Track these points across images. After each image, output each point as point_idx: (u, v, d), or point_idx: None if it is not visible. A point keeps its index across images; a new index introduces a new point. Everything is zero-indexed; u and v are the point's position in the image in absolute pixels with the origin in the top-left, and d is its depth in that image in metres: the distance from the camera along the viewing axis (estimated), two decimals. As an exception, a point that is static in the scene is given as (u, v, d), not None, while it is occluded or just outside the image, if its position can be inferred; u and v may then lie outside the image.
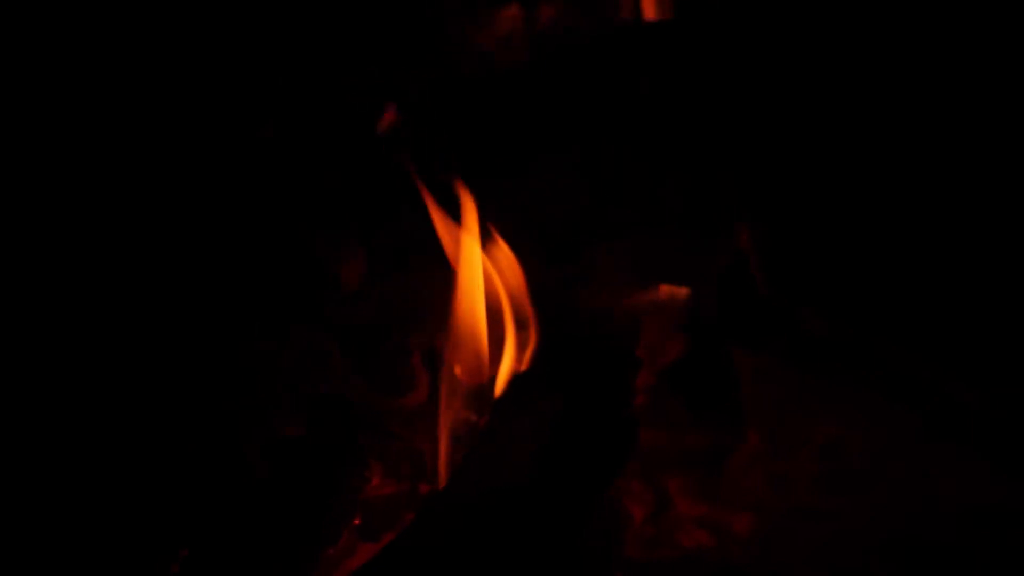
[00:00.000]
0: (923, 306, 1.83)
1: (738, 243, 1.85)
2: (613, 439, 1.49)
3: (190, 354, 1.81)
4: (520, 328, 1.62)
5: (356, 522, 1.66)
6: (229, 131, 1.88)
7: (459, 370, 1.66)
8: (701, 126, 1.85)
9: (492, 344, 1.67)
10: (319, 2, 1.90)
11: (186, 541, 1.57)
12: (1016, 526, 1.66)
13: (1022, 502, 1.69)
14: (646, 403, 1.76)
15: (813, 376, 1.86)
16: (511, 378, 1.57)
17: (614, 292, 1.82)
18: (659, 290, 1.81)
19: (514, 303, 1.63)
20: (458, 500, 1.40)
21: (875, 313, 1.85)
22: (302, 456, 1.70)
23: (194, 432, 1.75)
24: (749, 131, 1.84)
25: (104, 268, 1.82)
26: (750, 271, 1.84)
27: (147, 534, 1.60)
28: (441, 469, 1.64)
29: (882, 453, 1.81)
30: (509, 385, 1.53)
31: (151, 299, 1.82)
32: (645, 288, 1.83)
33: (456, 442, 1.62)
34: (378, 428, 1.77)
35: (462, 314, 1.65)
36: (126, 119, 1.84)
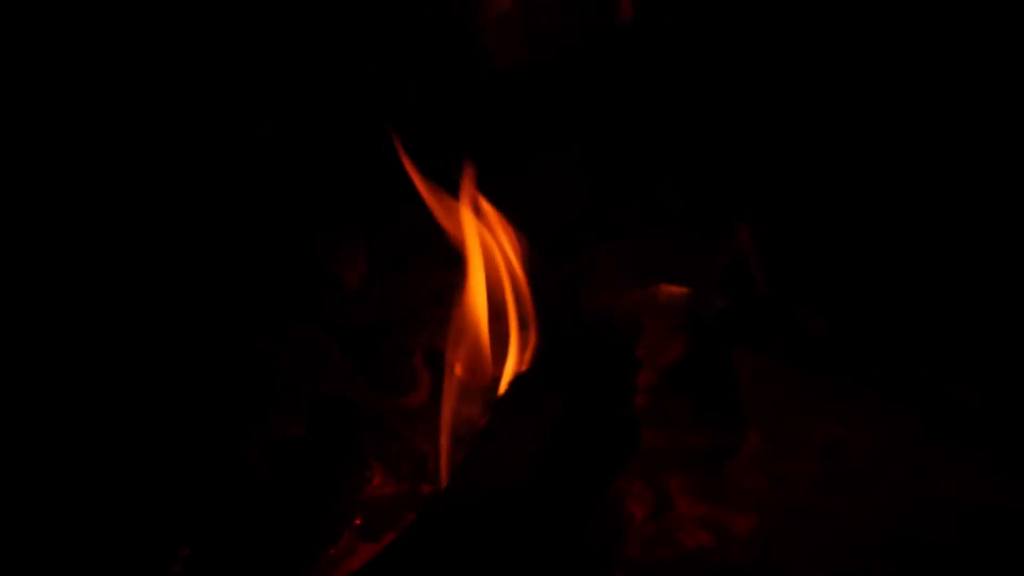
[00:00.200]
0: (923, 306, 1.83)
1: (738, 243, 1.86)
2: (613, 439, 1.48)
3: (191, 354, 1.81)
4: (521, 327, 1.62)
5: (357, 522, 1.66)
6: (229, 131, 1.87)
7: (460, 370, 1.66)
8: (701, 126, 1.85)
9: (493, 344, 1.67)
10: (319, 2, 1.90)
11: (187, 541, 1.57)
12: (1016, 526, 1.66)
13: (1022, 502, 1.69)
14: (647, 403, 1.76)
15: (813, 376, 1.87)
16: (512, 378, 1.57)
17: (614, 292, 1.82)
18: (660, 291, 1.81)
19: (517, 297, 1.63)
20: (459, 500, 1.40)
21: (875, 313, 1.86)
22: (302, 456, 1.70)
23: (194, 432, 1.75)
24: (749, 131, 1.84)
25: (105, 268, 1.82)
26: (750, 271, 1.84)
27: (148, 534, 1.60)
28: (442, 469, 1.64)
29: (882, 453, 1.81)
30: (510, 385, 1.52)
31: (152, 299, 1.82)
32: (645, 288, 1.84)
33: (457, 442, 1.63)
34: (379, 428, 1.77)
35: (463, 314, 1.65)
36: (127, 119, 1.84)
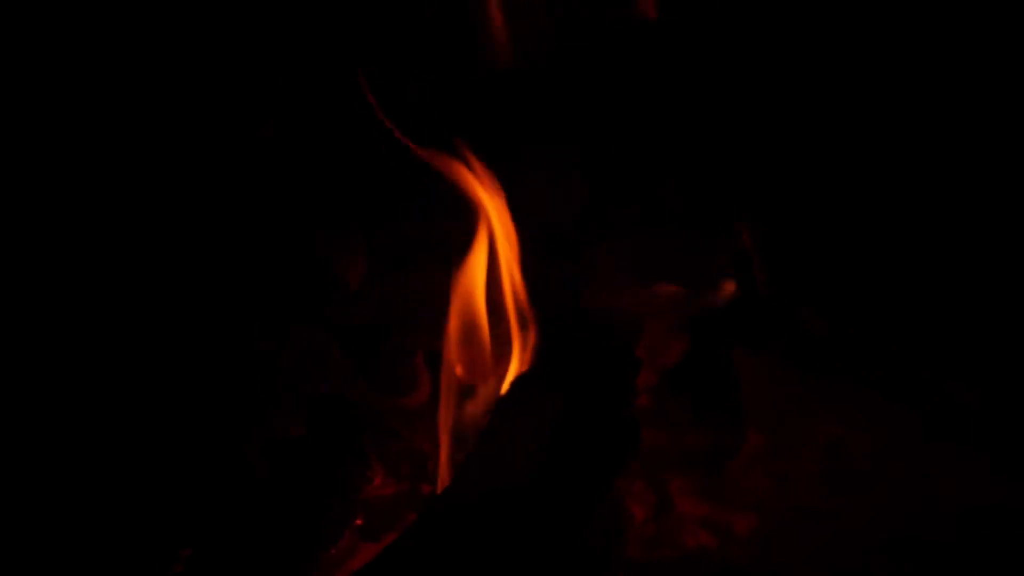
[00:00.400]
0: (923, 306, 1.83)
1: (738, 243, 1.86)
2: (614, 439, 1.48)
3: (191, 354, 1.81)
4: (521, 326, 1.62)
5: (358, 522, 1.67)
6: (229, 131, 1.87)
7: (461, 370, 1.66)
8: (701, 126, 1.85)
9: (493, 344, 1.67)
10: (320, 2, 1.90)
11: (189, 541, 1.57)
12: (1016, 526, 1.66)
13: (1022, 502, 1.69)
14: (647, 403, 1.76)
15: (813, 376, 1.87)
16: (512, 378, 1.57)
17: (614, 292, 1.82)
18: (660, 291, 1.82)
19: (516, 298, 1.63)
20: (460, 500, 1.40)
21: (875, 313, 1.86)
22: (303, 456, 1.70)
23: (194, 432, 1.75)
24: (749, 132, 1.84)
25: (105, 268, 1.81)
26: (750, 271, 1.84)
27: (150, 534, 1.60)
28: (443, 469, 1.64)
29: (882, 453, 1.81)
30: (510, 385, 1.52)
31: (152, 299, 1.82)
32: (645, 288, 1.84)
33: (458, 442, 1.63)
34: (379, 428, 1.77)
35: (463, 314, 1.65)
36: (127, 119, 1.83)
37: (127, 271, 1.82)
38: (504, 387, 1.58)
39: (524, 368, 1.59)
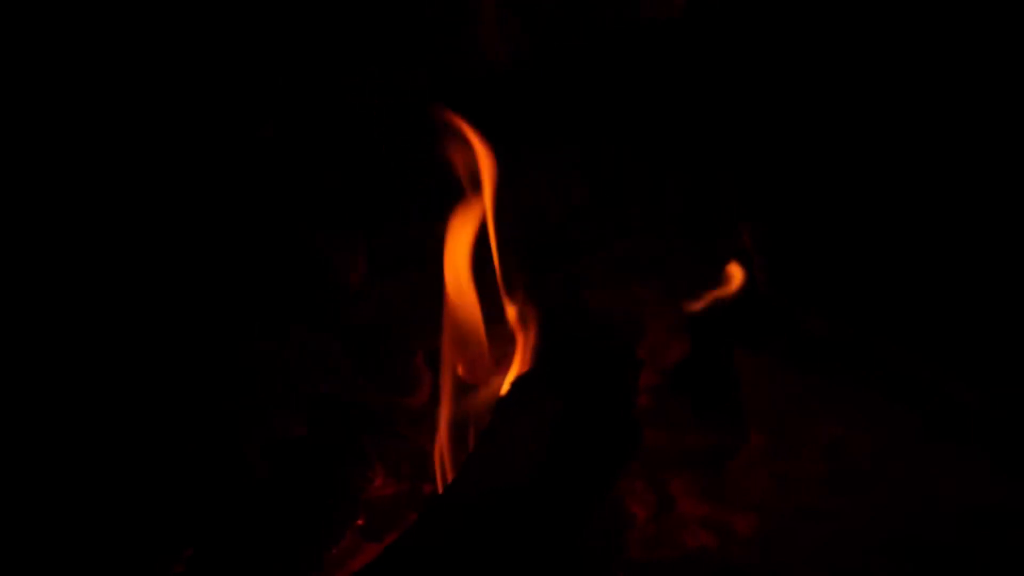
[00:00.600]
0: (923, 306, 1.83)
1: (738, 243, 1.86)
2: (614, 440, 1.48)
3: (191, 354, 1.81)
4: (522, 327, 1.62)
5: (359, 522, 1.67)
6: (229, 131, 1.87)
7: (461, 370, 1.67)
8: (701, 126, 1.85)
9: (493, 344, 1.67)
10: (319, 2, 1.90)
11: (190, 541, 1.57)
12: (1016, 526, 1.66)
13: (1022, 502, 1.69)
14: (648, 403, 1.77)
15: (813, 376, 1.87)
16: (513, 379, 1.56)
17: (614, 292, 1.82)
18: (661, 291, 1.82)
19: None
20: (460, 500, 1.40)
21: (875, 313, 1.86)
22: (304, 456, 1.69)
23: (194, 432, 1.75)
24: (749, 132, 1.84)
25: (105, 268, 1.81)
26: (751, 272, 1.84)
27: (151, 534, 1.60)
28: (444, 469, 1.64)
29: (882, 453, 1.81)
30: (511, 386, 1.52)
31: (152, 299, 1.82)
32: (645, 288, 1.83)
33: (459, 442, 1.63)
34: (381, 428, 1.77)
35: (463, 313, 1.65)
36: (127, 119, 1.83)
37: (127, 271, 1.82)
38: (504, 387, 1.57)
39: (524, 368, 1.59)
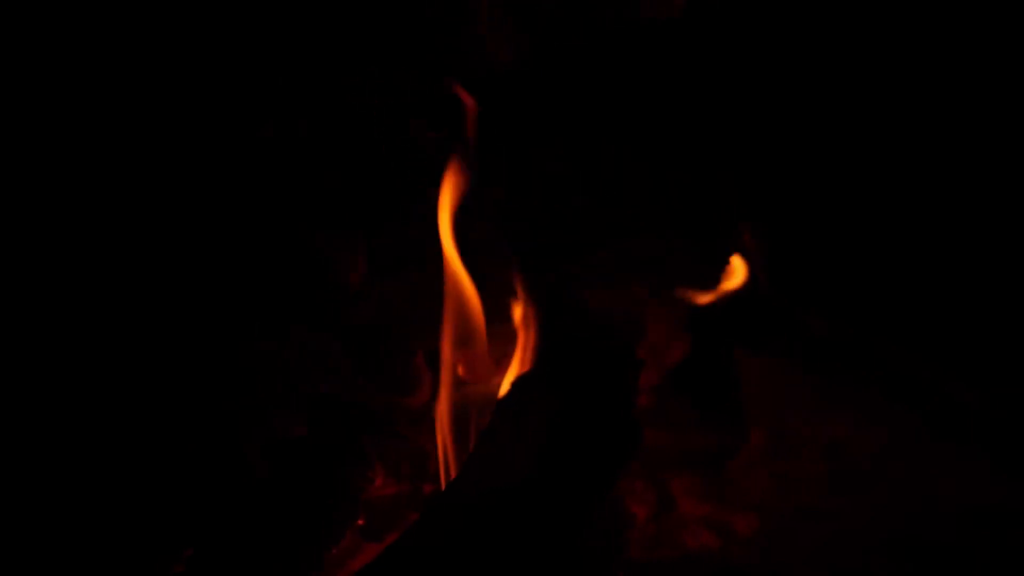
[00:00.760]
0: (923, 306, 1.84)
1: (739, 243, 1.86)
2: (615, 440, 1.48)
3: (191, 354, 1.80)
4: (523, 326, 1.62)
5: (359, 522, 1.66)
6: (229, 131, 1.87)
7: (462, 370, 1.66)
8: (701, 126, 1.85)
9: (493, 344, 1.67)
10: (319, 2, 1.89)
11: (190, 541, 1.57)
12: (1016, 526, 1.66)
13: (1022, 502, 1.69)
14: (649, 403, 1.77)
15: (813, 376, 1.87)
16: (513, 378, 1.56)
17: (614, 292, 1.82)
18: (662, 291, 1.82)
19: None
20: (461, 500, 1.40)
21: (875, 313, 1.86)
22: (304, 456, 1.69)
23: (194, 432, 1.74)
24: (750, 132, 1.84)
25: (105, 268, 1.81)
26: (751, 271, 1.84)
27: (151, 534, 1.60)
28: (444, 469, 1.64)
29: (882, 453, 1.81)
30: (511, 385, 1.52)
31: (152, 299, 1.82)
32: (645, 288, 1.83)
33: (459, 442, 1.62)
34: (381, 428, 1.77)
35: (463, 313, 1.65)
36: (127, 119, 1.83)
37: (128, 271, 1.82)
38: (504, 387, 1.57)
39: (524, 368, 1.59)
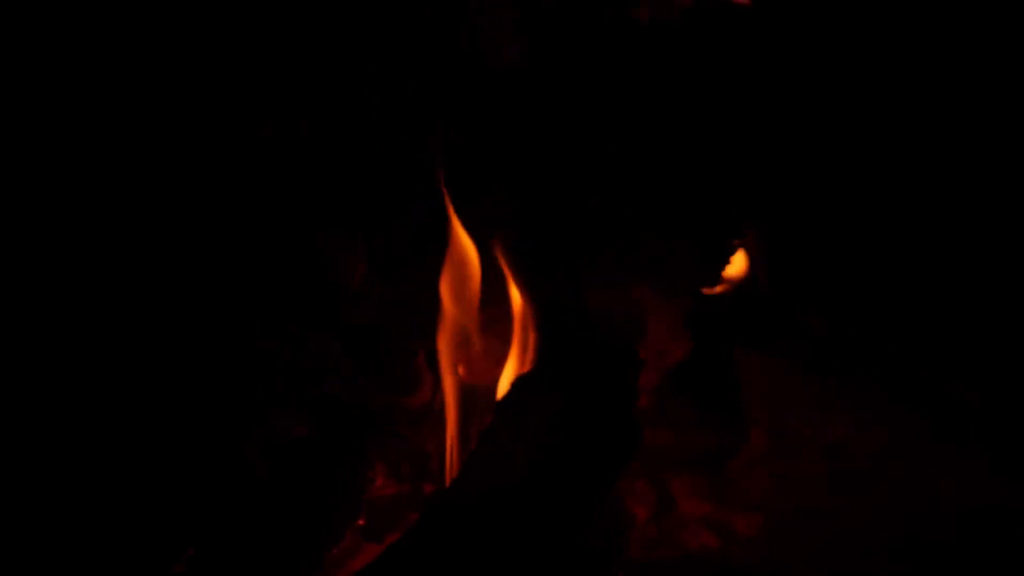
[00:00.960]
0: (923, 306, 1.84)
1: (739, 243, 1.86)
2: (615, 440, 1.48)
3: (191, 354, 1.80)
4: (523, 327, 1.62)
5: (360, 522, 1.66)
6: (229, 131, 1.87)
7: (463, 370, 1.66)
8: (702, 126, 1.85)
9: (493, 344, 1.67)
10: (319, 2, 1.89)
11: (191, 541, 1.57)
12: (1016, 526, 1.66)
13: (1022, 502, 1.69)
14: (650, 403, 1.77)
15: (813, 376, 1.87)
16: (514, 378, 1.56)
17: (614, 292, 1.82)
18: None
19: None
20: (461, 500, 1.40)
21: (875, 313, 1.86)
22: (304, 456, 1.69)
23: (194, 432, 1.74)
24: (751, 132, 1.84)
25: (105, 268, 1.81)
26: (753, 272, 1.84)
27: (151, 534, 1.59)
28: (445, 469, 1.64)
29: (882, 453, 1.82)
30: (512, 385, 1.52)
31: (152, 299, 1.82)
32: (645, 288, 1.83)
33: (459, 442, 1.63)
34: (382, 428, 1.77)
35: (463, 313, 1.65)
36: (127, 119, 1.83)
37: (127, 271, 1.82)
38: (504, 387, 1.57)
39: (525, 368, 1.59)
